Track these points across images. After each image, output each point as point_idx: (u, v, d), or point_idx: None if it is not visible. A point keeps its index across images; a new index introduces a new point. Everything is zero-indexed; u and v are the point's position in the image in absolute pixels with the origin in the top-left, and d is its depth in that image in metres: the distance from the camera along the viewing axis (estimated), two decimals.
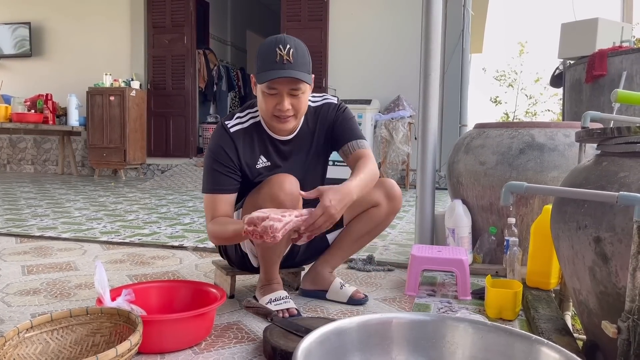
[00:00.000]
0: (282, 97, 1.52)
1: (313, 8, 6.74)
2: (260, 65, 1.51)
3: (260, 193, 1.58)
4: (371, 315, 1.20)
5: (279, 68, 1.48)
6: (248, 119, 1.67)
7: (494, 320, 1.64)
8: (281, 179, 1.55)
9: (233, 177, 1.62)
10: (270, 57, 1.49)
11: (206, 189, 1.63)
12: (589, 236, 1.25)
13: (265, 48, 1.51)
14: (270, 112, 1.56)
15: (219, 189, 1.61)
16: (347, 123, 1.72)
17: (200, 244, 2.75)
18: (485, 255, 2.33)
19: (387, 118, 5.97)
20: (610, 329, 1.09)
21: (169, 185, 6.11)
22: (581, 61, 4.12)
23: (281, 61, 1.47)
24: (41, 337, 1.25)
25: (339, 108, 1.74)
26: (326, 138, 1.73)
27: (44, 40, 7.85)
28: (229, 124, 1.64)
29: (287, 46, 1.48)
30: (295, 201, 1.54)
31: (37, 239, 2.86)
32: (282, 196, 1.52)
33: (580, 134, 1.48)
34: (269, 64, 1.49)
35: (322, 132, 1.72)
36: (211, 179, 1.62)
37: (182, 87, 7.38)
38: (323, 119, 1.72)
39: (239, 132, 1.64)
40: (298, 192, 1.55)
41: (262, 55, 1.51)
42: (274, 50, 1.48)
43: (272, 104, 1.54)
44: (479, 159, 2.34)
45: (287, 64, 1.48)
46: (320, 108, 1.73)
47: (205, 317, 1.43)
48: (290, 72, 1.48)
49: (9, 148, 8.16)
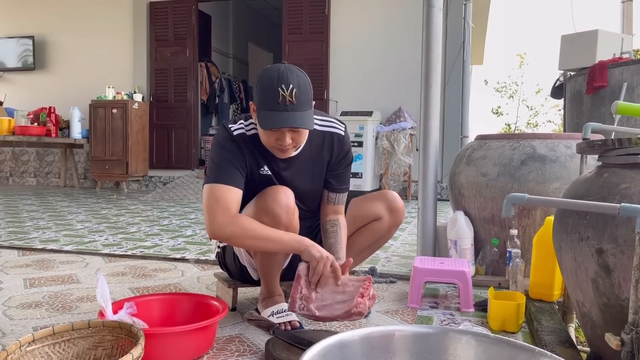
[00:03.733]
0: (283, 134, 1.48)
1: (314, 21, 6.79)
2: (262, 103, 1.46)
3: (254, 208, 1.56)
4: (373, 328, 1.19)
5: (282, 110, 1.43)
6: (251, 128, 1.62)
7: (497, 333, 1.64)
8: (275, 191, 1.54)
9: (242, 170, 1.56)
10: (272, 97, 1.43)
11: (219, 179, 1.51)
12: (592, 248, 1.25)
13: (267, 85, 1.44)
14: (270, 145, 1.53)
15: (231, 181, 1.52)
16: (345, 170, 1.75)
17: (202, 256, 2.75)
18: (488, 267, 2.33)
19: (389, 129, 5.99)
20: (613, 342, 1.09)
21: (170, 197, 6.11)
22: (581, 73, 4.13)
23: (284, 102, 1.42)
24: (43, 351, 1.25)
25: (344, 146, 1.72)
26: (325, 164, 1.72)
27: (47, 54, 7.92)
28: (232, 127, 1.60)
29: (290, 86, 1.42)
30: (291, 214, 1.54)
31: (39, 251, 2.86)
32: (277, 209, 1.51)
33: (582, 145, 1.49)
34: (271, 104, 1.43)
35: (325, 162, 1.71)
36: (221, 172, 1.52)
37: (184, 100, 7.42)
38: (329, 148, 1.70)
39: (241, 136, 1.59)
40: (293, 204, 1.54)
41: (263, 92, 1.45)
42: (276, 90, 1.42)
43: (272, 138, 1.50)
44: (481, 171, 2.34)
45: (290, 106, 1.42)
46: (326, 135, 1.69)
47: (207, 330, 1.43)
48: (293, 116, 1.43)
49: (12, 161, 8.19)
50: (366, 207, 1.79)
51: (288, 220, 1.53)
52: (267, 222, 1.51)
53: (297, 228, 1.60)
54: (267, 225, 1.51)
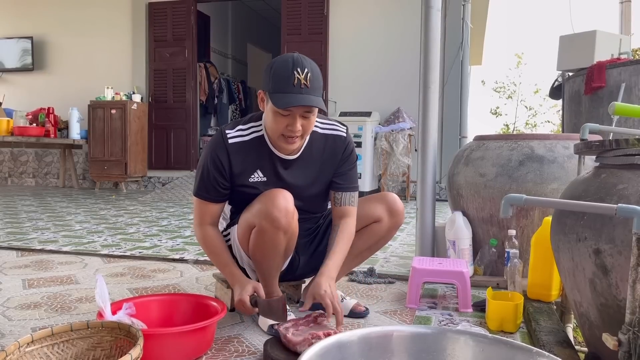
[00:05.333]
0: (294, 119, 1.50)
1: (313, 21, 6.79)
2: (275, 87, 1.48)
3: (253, 211, 1.57)
4: (372, 328, 1.20)
5: (297, 92, 1.46)
6: (250, 132, 1.64)
7: (495, 333, 1.64)
8: (274, 194, 1.54)
9: (221, 189, 1.64)
10: (287, 80, 1.46)
11: (196, 193, 1.67)
12: (589, 248, 1.25)
13: (281, 69, 1.48)
14: (279, 132, 1.54)
15: (207, 197, 1.65)
16: (350, 170, 1.75)
17: (201, 256, 2.75)
18: (486, 267, 2.33)
19: (387, 130, 5.99)
20: (611, 342, 1.09)
21: (169, 198, 6.11)
22: (580, 73, 4.14)
23: (299, 85, 1.45)
24: (42, 352, 1.25)
25: (347, 147, 1.74)
26: (326, 166, 1.73)
27: (46, 54, 7.91)
28: (229, 133, 1.62)
29: (305, 70, 1.46)
30: (290, 217, 1.53)
31: (38, 252, 2.86)
32: (276, 213, 1.50)
33: (579, 146, 1.49)
34: (286, 86, 1.46)
35: (329, 165, 1.72)
36: (202, 185, 1.65)
37: (183, 100, 7.42)
38: (331, 150, 1.71)
39: (236, 145, 1.62)
40: (293, 207, 1.54)
41: (277, 76, 1.48)
42: (291, 73, 1.45)
43: (283, 124, 1.52)
44: (479, 171, 2.35)
45: (305, 89, 1.46)
46: (329, 137, 1.71)
47: (206, 331, 1.43)
48: (308, 97, 1.47)
49: (11, 161, 8.18)
50: (366, 209, 1.79)
51: (287, 224, 1.53)
52: (267, 226, 1.52)
53: (296, 231, 1.61)
54: (267, 229, 1.53)
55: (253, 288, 1.54)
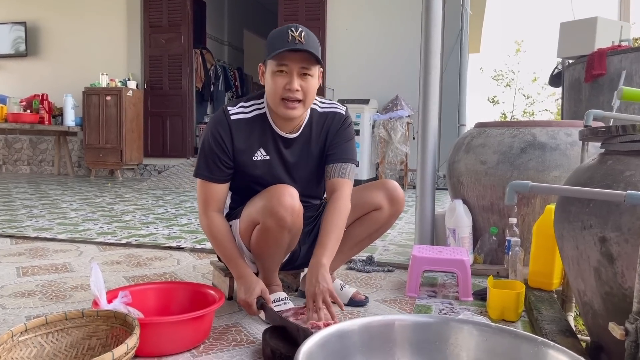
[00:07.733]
0: (292, 76, 1.51)
1: (311, 7, 6.71)
2: (271, 47, 1.51)
3: (257, 207, 1.54)
4: (373, 317, 1.17)
5: (292, 46, 1.48)
6: (252, 110, 1.63)
7: (496, 322, 1.62)
8: (280, 191, 1.51)
9: (225, 168, 1.60)
10: (282, 37, 1.49)
11: (197, 174, 1.62)
12: (594, 236, 1.23)
13: (277, 32, 1.53)
14: (279, 93, 1.52)
15: (210, 177, 1.60)
16: (344, 142, 1.70)
17: (198, 244, 2.73)
18: (486, 256, 2.31)
19: (386, 118, 5.95)
20: (617, 331, 1.07)
21: (165, 186, 6.07)
22: (580, 60, 4.10)
23: (293, 41, 1.48)
24: (36, 341, 1.23)
25: (344, 122, 1.71)
26: (325, 146, 1.70)
27: (40, 40, 7.81)
28: (231, 110, 1.61)
29: (299, 29, 1.50)
30: (295, 215, 1.51)
31: (32, 240, 2.83)
32: (282, 211, 1.48)
33: (584, 132, 1.46)
34: (281, 43, 1.48)
35: (324, 140, 1.70)
36: (204, 165, 1.61)
37: (179, 87, 7.35)
38: (329, 126, 1.70)
39: (239, 121, 1.60)
40: (299, 204, 1.52)
41: (273, 38, 1.52)
42: (286, 32, 1.49)
43: (281, 83, 1.51)
44: (480, 159, 2.32)
45: (299, 44, 1.48)
46: (328, 115, 1.71)
47: (204, 320, 1.41)
48: (302, 50, 1.48)
49: (5, 148, 8.11)
50: (366, 197, 1.76)
51: (292, 222, 1.51)
52: (272, 225, 1.50)
53: (300, 228, 1.59)
54: (272, 228, 1.51)
55: (261, 290, 1.52)
